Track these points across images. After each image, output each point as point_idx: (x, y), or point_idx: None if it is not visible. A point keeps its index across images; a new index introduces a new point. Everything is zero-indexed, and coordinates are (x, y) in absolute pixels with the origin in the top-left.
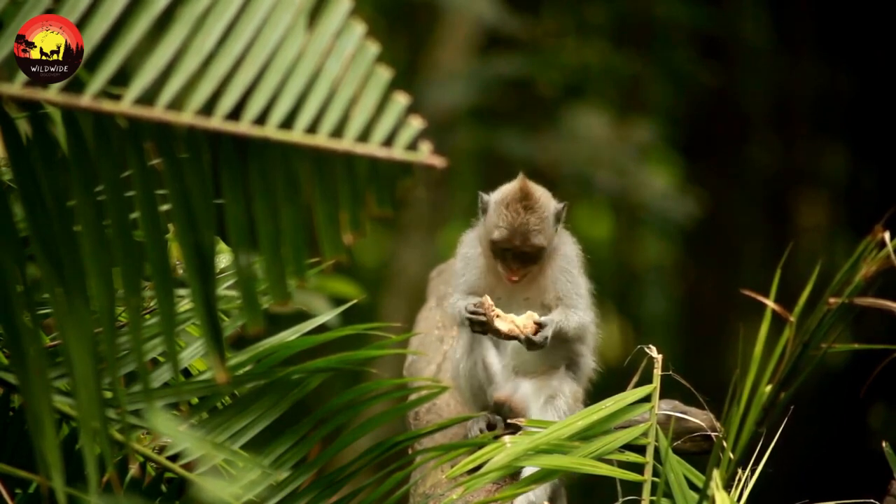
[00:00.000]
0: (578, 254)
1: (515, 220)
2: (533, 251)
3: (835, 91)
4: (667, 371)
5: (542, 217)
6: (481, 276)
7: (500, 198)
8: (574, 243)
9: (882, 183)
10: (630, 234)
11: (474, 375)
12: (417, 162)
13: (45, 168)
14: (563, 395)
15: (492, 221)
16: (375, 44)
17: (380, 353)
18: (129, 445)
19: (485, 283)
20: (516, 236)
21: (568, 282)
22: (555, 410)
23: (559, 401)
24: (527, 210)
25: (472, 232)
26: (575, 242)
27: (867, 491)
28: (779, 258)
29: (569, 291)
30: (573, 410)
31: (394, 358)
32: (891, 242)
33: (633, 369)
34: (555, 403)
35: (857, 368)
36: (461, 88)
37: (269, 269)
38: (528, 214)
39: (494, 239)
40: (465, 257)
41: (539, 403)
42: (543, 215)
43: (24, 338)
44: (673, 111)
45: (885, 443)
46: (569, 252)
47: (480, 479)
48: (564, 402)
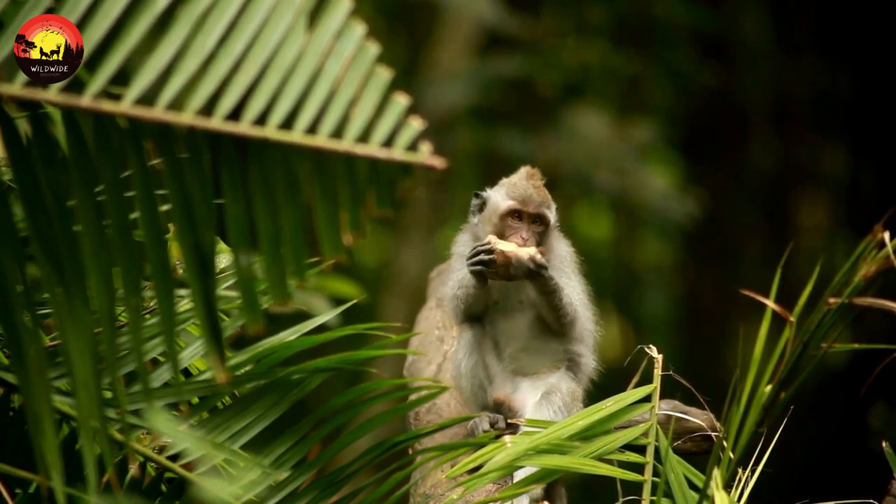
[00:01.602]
0: (572, 254)
1: (527, 189)
2: (542, 220)
3: (835, 91)
4: (667, 371)
5: (547, 194)
6: None
7: (509, 179)
8: (568, 245)
9: (882, 183)
10: (630, 234)
11: (475, 375)
12: (417, 162)
13: (45, 168)
14: (560, 392)
15: (499, 198)
16: (375, 44)
17: (380, 354)
18: (129, 445)
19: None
20: (529, 202)
21: (561, 278)
22: (549, 406)
23: (555, 397)
24: (535, 186)
25: (465, 233)
26: (569, 245)
27: (867, 491)
28: (779, 258)
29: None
30: (570, 408)
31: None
32: (891, 242)
33: (633, 369)
34: (550, 399)
35: (857, 368)
36: (461, 88)
37: (269, 269)
38: (538, 189)
39: (507, 207)
40: (461, 256)
41: (535, 399)
42: (549, 197)
43: (24, 338)
44: (673, 111)
45: (885, 443)
46: (563, 252)
47: (480, 479)
48: (560, 398)
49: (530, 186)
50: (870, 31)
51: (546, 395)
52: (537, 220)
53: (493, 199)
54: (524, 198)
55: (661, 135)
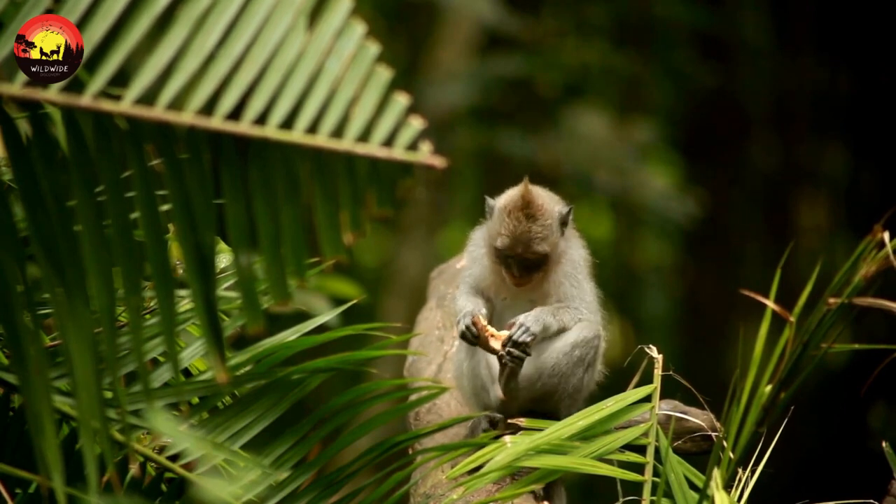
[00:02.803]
0: (586, 258)
1: (517, 229)
2: (536, 258)
3: (835, 91)
4: (667, 371)
5: (544, 224)
6: (488, 276)
7: (503, 205)
8: (583, 247)
9: (882, 183)
10: (630, 234)
11: (476, 375)
12: (417, 162)
13: (45, 168)
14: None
15: (495, 229)
16: (375, 44)
17: (380, 354)
18: (129, 445)
19: (490, 282)
20: (518, 244)
21: (572, 286)
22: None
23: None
24: (528, 218)
25: (480, 230)
26: (584, 246)
27: (867, 491)
28: (779, 258)
29: (572, 297)
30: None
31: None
32: (891, 242)
33: (633, 369)
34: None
35: (857, 368)
36: (461, 88)
37: (269, 269)
38: (530, 223)
39: (497, 247)
40: (473, 255)
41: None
42: (546, 223)
43: (24, 338)
44: (673, 111)
45: (885, 443)
46: (575, 256)
47: (481, 479)
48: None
49: (521, 220)
50: (870, 31)
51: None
52: (528, 258)
53: (491, 223)
54: (513, 240)
55: (661, 135)
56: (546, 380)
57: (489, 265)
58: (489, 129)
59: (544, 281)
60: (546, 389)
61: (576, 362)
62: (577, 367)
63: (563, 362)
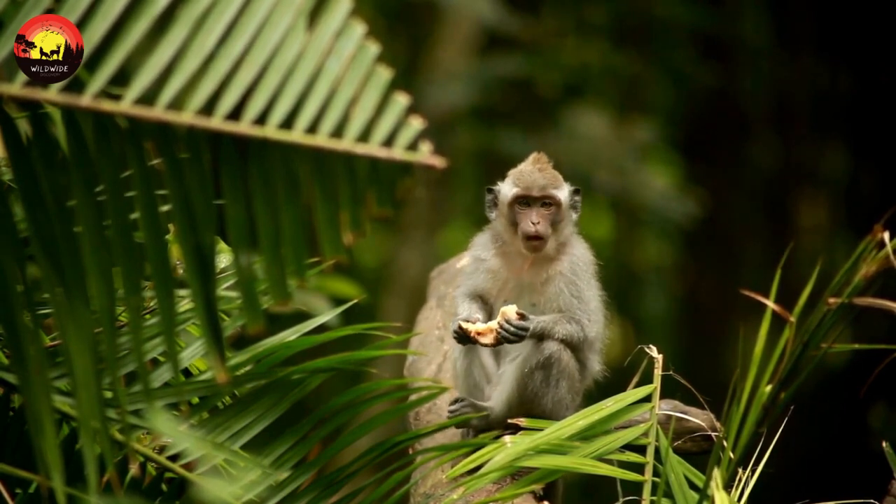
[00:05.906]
0: (590, 261)
1: (532, 174)
2: (551, 202)
3: (835, 91)
4: (667, 371)
5: (555, 175)
6: (489, 280)
7: (514, 170)
8: (585, 248)
9: (882, 183)
10: (630, 234)
11: (470, 374)
12: (417, 162)
13: (45, 168)
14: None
15: (506, 188)
16: (375, 44)
17: (380, 354)
18: (129, 445)
19: (492, 286)
20: (533, 186)
21: (572, 296)
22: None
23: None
24: (541, 170)
25: (484, 235)
26: (586, 248)
27: (867, 491)
28: (779, 258)
29: (572, 304)
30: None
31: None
32: (891, 242)
33: (633, 369)
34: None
35: (857, 368)
36: (461, 88)
37: (269, 269)
38: (543, 171)
39: (513, 194)
40: (476, 259)
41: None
42: (557, 175)
43: (24, 338)
44: (673, 111)
45: (886, 443)
46: (578, 259)
47: (481, 479)
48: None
49: (535, 171)
50: (870, 31)
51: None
52: (546, 202)
53: (501, 191)
54: (528, 183)
55: (661, 135)
56: (521, 406)
57: (493, 267)
58: (489, 128)
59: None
60: (527, 410)
61: (540, 385)
62: (543, 388)
63: (527, 387)
